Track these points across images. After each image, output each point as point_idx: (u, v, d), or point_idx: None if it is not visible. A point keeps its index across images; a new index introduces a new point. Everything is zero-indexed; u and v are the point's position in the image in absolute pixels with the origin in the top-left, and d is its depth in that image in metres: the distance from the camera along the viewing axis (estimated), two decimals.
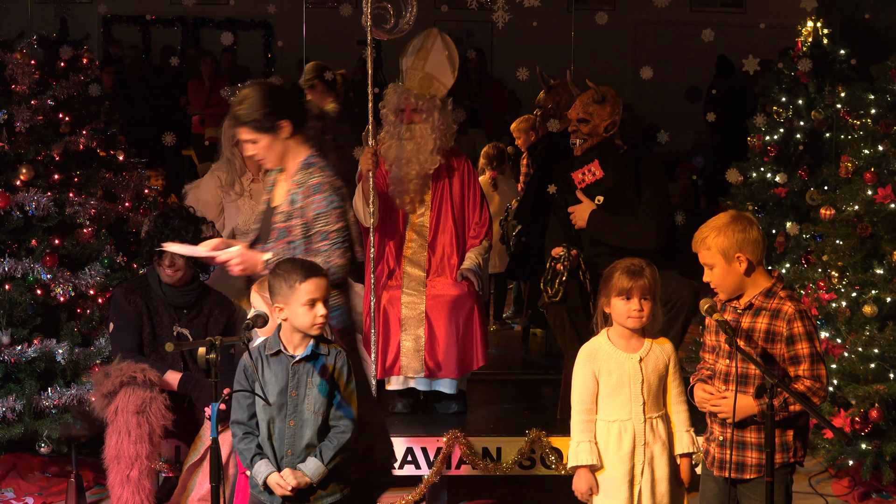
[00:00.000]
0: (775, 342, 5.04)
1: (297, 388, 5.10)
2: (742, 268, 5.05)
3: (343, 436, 5.15)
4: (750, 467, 5.12)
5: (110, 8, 14.82)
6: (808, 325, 5.03)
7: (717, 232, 5.06)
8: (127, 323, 6.59)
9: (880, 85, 7.61)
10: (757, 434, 5.08)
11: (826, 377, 5.04)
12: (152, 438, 6.21)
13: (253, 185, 7.57)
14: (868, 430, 7.04)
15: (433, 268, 7.54)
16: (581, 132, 7.34)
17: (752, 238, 5.06)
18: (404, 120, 7.47)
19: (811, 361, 5.00)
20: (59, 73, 7.73)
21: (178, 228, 6.53)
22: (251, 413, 5.14)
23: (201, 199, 7.51)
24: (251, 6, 13.37)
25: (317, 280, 5.07)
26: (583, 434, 5.31)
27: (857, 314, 7.29)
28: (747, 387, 5.04)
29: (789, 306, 5.04)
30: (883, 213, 7.36)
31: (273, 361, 5.12)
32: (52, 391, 6.99)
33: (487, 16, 7.48)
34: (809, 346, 5.01)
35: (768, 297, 5.09)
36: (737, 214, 5.14)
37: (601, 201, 7.26)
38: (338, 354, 5.17)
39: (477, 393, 7.92)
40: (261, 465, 5.10)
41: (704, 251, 5.10)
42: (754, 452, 5.10)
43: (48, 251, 7.20)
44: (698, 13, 17.23)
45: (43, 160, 7.45)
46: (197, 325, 6.64)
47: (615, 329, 5.36)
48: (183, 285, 6.63)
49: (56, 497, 7.11)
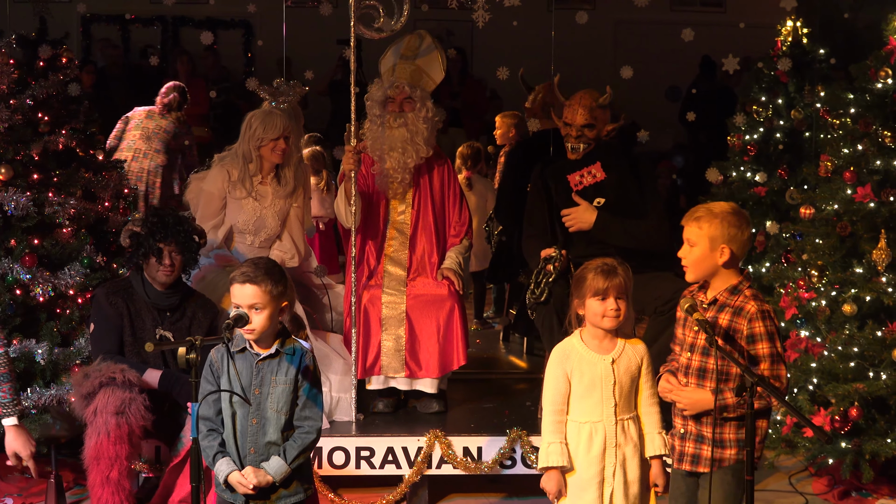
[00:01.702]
0: (735, 339, 5.08)
1: (261, 386, 5.10)
2: (722, 260, 5.09)
3: (308, 436, 5.15)
4: (705, 460, 5.16)
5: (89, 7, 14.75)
6: (769, 325, 5.07)
7: (713, 217, 5.11)
8: (107, 324, 6.55)
9: (860, 84, 7.62)
10: (712, 429, 5.13)
11: (786, 377, 5.09)
12: (132, 439, 6.18)
13: (260, 187, 7.57)
14: (848, 429, 7.07)
15: (414, 266, 7.54)
16: (587, 136, 7.33)
17: (743, 238, 5.12)
18: (395, 109, 7.45)
19: (771, 361, 5.05)
20: (38, 73, 7.70)
21: (173, 225, 6.50)
22: (217, 409, 5.13)
23: (205, 190, 7.52)
24: (231, 5, 13.34)
25: (238, 286, 5.07)
26: (554, 435, 5.32)
27: (837, 313, 7.31)
28: (705, 381, 5.12)
29: (752, 305, 5.07)
30: (862, 212, 7.38)
31: (238, 358, 5.12)
32: (31, 392, 6.98)
33: (468, 15, 7.47)
34: (770, 345, 5.05)
35: (733, 294, 5.13)
36: (738, 209, 5.19)
37: (601, 203, 7.26)
38: (304, 354, 5.17)
39: (457, 392, 7.92)
40: (222, 464, 5.10)
41: (695, 228, 5.13)
42: (709, 446, 5.15)
43: (27, 251, 7.18)
44: (678, 12, 17.28)
45: (22, 160, 7.42)
46: (180, 328, 6.60)
47: (588, 330, 5.36)
48: (168, 287, 6.60)
49: (36, 498, 7.08)
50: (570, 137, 7.36)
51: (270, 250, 7.57)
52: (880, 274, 7.23)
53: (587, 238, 7.24)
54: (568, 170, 7.38)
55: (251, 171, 7.53)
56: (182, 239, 6.49)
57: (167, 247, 6.45)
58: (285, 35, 9.53)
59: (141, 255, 6.51)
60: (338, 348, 7.47)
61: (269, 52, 15.38)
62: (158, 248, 6.43)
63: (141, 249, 6.50)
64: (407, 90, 7.45)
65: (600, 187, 7.32)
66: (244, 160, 7.53)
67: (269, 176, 7.59)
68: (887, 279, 7.20)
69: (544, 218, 7.38)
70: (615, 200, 7.29)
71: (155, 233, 6.47)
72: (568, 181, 7.35)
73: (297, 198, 7.70)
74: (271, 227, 7.57)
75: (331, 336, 7.61)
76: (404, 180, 7.52)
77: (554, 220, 7.35)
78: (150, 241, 6.46)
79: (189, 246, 6.52)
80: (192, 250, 6.55)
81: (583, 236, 7.25)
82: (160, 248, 6.43)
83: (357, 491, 7.11)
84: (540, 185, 7.47)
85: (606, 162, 7.33)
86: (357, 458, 7.00)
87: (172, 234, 6.47)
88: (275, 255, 7.44)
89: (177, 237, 6.47)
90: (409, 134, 7.43)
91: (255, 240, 7.54)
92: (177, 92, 11.94)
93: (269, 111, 7.65)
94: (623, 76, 7.88)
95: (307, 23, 11.20)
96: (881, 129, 7.44)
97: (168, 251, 6.45)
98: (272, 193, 7.58)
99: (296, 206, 7.68)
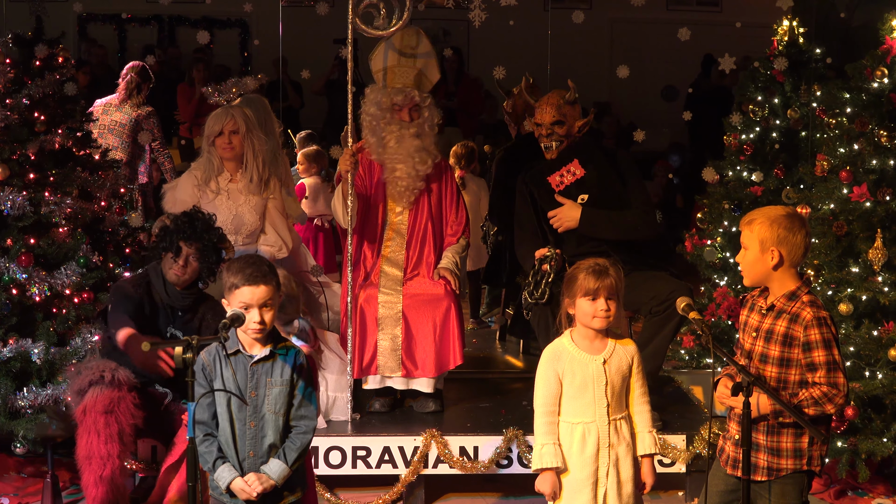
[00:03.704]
0: (793, 346, 5.03)
1: (257, 388, 5.10)
2: (772, 263, 5.05)
3: (305, 436, 5.16)
4: (760, 469, 5.11)
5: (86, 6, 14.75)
6: (825, 333, 4.99)
7: (764, 219, 5.08)
8: (128, 301, 6.44)
9: (855, 83, 7.62)
10: (765, 437, 5.09)
11: (845, 385, 4.99)
12: (122, 437, 6.16)
13: (230, 185, 7.56)
14: (844, 428, 7.08)
15: (411, 267, 7.55)
16: (557, 134, 7.33)
17: (795, 240, 5.05)
18: (405, 117, 7.44)
19: (827, 369, 4.97)
20: (34, 72, 7.69)
21: (200, 231, 6.48)
22: (212, 412, 5.13)
23: (178, 199, 7.50)
24: (227, 4, 13.36)
25: (252, 288, 5.08)
26: (547, 436, 5.32)
27: (833, 312, 7.31)
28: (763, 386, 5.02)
29: (808, 312, 5.01)
30: (858, 211, 7.39)
31: (232, 361, 5.12)
32: (27, 391, 6.97)
33: (464, 15, 7.47)
34: (826, 353, 4.98)
35: (790, 300, 5.07)
36: (793, 213, 5.15)
37: (585, 200, 7.26)
38: (297, 354, 5.17)
39: (454, 392, 7.92)
40: (223, 471, 5.09)
41: (748, 231, 5.11)
42: (765, 455, 5.11)
43: (23, 250, 7.17)
44: (674, 12, 17.29)
45: (18, 159, 7.41)
46: (190, 329, 6.57)
47: (579, 330, 5.36)
48: (186, 288, 6.58)
49: (32, 497, 7.08)
50: (542, 137, 7.38)
51: (257, 246, 7.57)
52: (876, 273, 7.24)
53: (577, 237, 7.24)
54: (547, 172, 7.38)
55: (216, 169, 7.55)
56: (204, 246, 6.46)
57: (188, 248, 6.42)
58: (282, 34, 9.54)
59: (162, 248, 6.50)
60: (334, 347, 7.47)
61: (265, 51, 15.43)
62: (179, 246, 6.41)
63: (163, 243, 6.49)
64: (416, 99, 7.45)
65: (581, 184, 7.32)
66: (208, 160, 7.57)
67: (238, 173, 7.59)
68: (883, 278, 7.21)
69: (533, 223, 7.38)
70: (599, 194, 7.29)
71: (181, 230, 6.45)
72: (549, 183, 7.35)
73: (273, 190, 7.68)
74: (250, 223, 7.56)
75: (328, 335, 7.61)
76: (416, 188, 7.52)
77: (542, 223, 7.35)
78: (174, 236, 6.45)
79: (209, 255, 6.48)
80: (211, 260, 6.51)
81: (573, 235, 7.26)
82: (180, 246, 6.41)
83: (353, 490, 7.11)
84: (524, 191, 7.46)
85: (583, 158, 7.34)
86: (353, 457, 7.01)
87: (197, 238, 6.43)
88: (263, 250, 7.44)
89: (200, 242, 6.43)
90: (420, 143, 7.43)
91: (238, 238, 7.53)
92: (134, 72, 11.24)
93: (221, 109, 7.65)
94: (619, 75, 7.88)
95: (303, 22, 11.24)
96: (877, 128, 7.44)
97: (187, 253, 6.42)
98: (245, 190, 7.58)
99: (272, 197, 7.66)
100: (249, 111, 7.66)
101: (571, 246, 7.22)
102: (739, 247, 5.19)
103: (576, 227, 7.22)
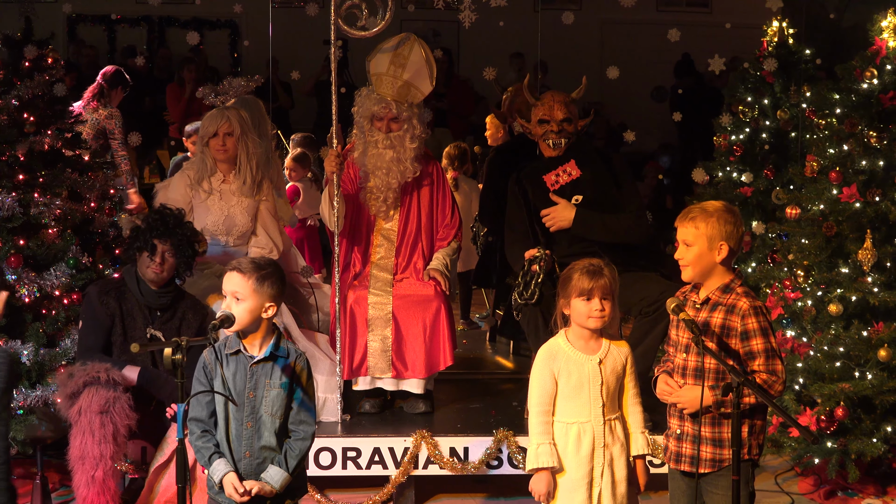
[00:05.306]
0: (730, 337, 5.09)
1: (255, 389, 5.09)
2: (720, 257, 5.11)
3: (304, 442, 5.15)
4: (704, 461, 5.16)
5: (75, 7, 14.72)
6: (762, 321, 5.08)
7: (709, 215, 5.12)
8: (95, 322, 6.56)
9: (845, 84, 7.63)
10: (711, 429, 5.15)
11: (783, 371, 5.09)
12: (116, 439, 6.17)
13: (223, 186, 7.57)
14: (834, 429, 7.08)
15: (400, 270, 7.54)
16: (566, 131, 7.32)
17: (739, 233, 5.15)
18: (383, 129, 7.43)
19: (766, 356, 5.06)
20: (23, 73, 7.67)
21: (172, 226, 6.50)
22: (210, 411, 5.12)
23: (170, 199, 7.50)
24: (217, 5, 13.32)
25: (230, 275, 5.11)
26: (542, 436, 5.32)
27: (823, 313, 7.33)
28: (702, 381, 5.08)
29: (744, 302, 5.09)
30: (848, 212, 7.40)
31: (232, 361, 5.11)
32: (17, 392, 6.95)
33: (454, 15, 7.46)
34: (764, 341, 5.06)
35: (725, 293, 5.15)
36: (730, 206, 5.23)
37: (579, 200, 7.25)
38: (298, 356, 5.16)
39: (444, 392, 7.92)
40: (219, 464, 5.08)
41: (691, 229, 5.14)
42: (709, 447, 5.16)
43: (13, 252, 7.16)
44: (664, 13, 17.32)
45: (7, 160, 7.40)
46: (170, 328, 6.60)
47: (574, 330, 5.37)
48: (161, 287, 6.59)
49: (22, 499, 7.03)
50: (550, 134, 7.33)
51: (248, 247, 7.57)
52: (866, 274, 7.25)
53: (569, 237, 7.23)
54: (543, 170, 7.37)
55: (209, 169, 7.55)
56: (178, 241, 6.49)
57: (162, 245, 6.45)
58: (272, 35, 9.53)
59: (136, 249, 6.51)
60: (325, 348, 7.46)
61: (255, 52, 15.41)
62: (153, 244, 6.43)
63: (136, 243, 6.50)
64: (394, 111, 7.42)
65: (577, 184, 7.31)
66: (201, 160, 7.57)
67: (231, 174, 7.60)
68: (873, 279, 7.22)
69: (524, 223, 7.37)
70: (593, 196, 7.28)
71: (153, 229, 6.48)
72: (544, 182, 7.34)
73: (265, 192, 7.69)
74: (242, 225, 7.56)
75: (318, 336, 7.60)
76: (388, 199, 7.50)
77: (534, 223, 7.33)
78: (147, 235, 6.47)
79: (184, 250, 6.52)
80: (186, 255, 6.54)
81: (564, 235, 7.24)
82: (155, 244, 6.43)
83: (344, 491, 7.11)
84: (517, 190, 7.44)
85: (580, 159, 7.33)
86: (343, 458, 7.00)
87: (170, 234, 6.47)
88: (253, 252, 7.45)
89: (173, 238, 6.47)
90: (395, 155, 7.40)
91: (229, 239, 7.53)
92: (101, 77, 10.91)
93: (216, 110, 7.65)
94: (609, 76, 7.88)
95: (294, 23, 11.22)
96: (867, 129, 7.46)
97: (162, 250, 6.46)
98: (238, 191, 7.58)
99: (264, 200, 7.67)
100: (245, 113, 7.67)
101: (562, 246, 7.20)
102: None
103: (569, 227, 7.21)
